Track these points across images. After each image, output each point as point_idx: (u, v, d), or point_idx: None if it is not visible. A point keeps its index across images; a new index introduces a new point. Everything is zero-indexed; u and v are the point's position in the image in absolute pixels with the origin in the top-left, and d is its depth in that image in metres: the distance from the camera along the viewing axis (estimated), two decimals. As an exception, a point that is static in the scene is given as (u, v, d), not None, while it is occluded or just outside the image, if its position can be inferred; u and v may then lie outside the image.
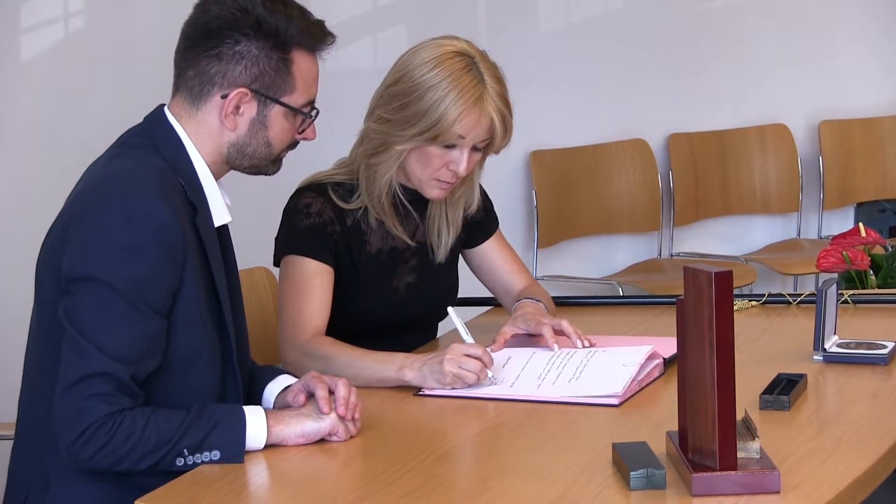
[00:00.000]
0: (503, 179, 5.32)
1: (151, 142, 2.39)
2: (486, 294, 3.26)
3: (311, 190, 2.90)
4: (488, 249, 3.12)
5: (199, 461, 2.26)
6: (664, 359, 2.70)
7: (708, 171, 5.87)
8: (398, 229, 2.93)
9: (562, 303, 3.25)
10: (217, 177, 2.44)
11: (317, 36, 2.42)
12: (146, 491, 2.18)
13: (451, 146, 2.82)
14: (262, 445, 2.31)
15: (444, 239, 2.98)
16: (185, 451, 2.25)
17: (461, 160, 2.82)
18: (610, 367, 2.64)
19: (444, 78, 2.78)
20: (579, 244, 5.59)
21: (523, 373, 2.68)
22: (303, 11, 2.42)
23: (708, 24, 5.96)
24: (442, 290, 3.03)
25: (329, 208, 2.88)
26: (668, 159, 5.75)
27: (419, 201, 2.96)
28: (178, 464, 2.26)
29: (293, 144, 2.49)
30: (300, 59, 2.40)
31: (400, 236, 2.93)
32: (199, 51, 2.37)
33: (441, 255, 2.99)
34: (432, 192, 2.89)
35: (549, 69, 5.41)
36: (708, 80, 5.93)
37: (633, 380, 2.58)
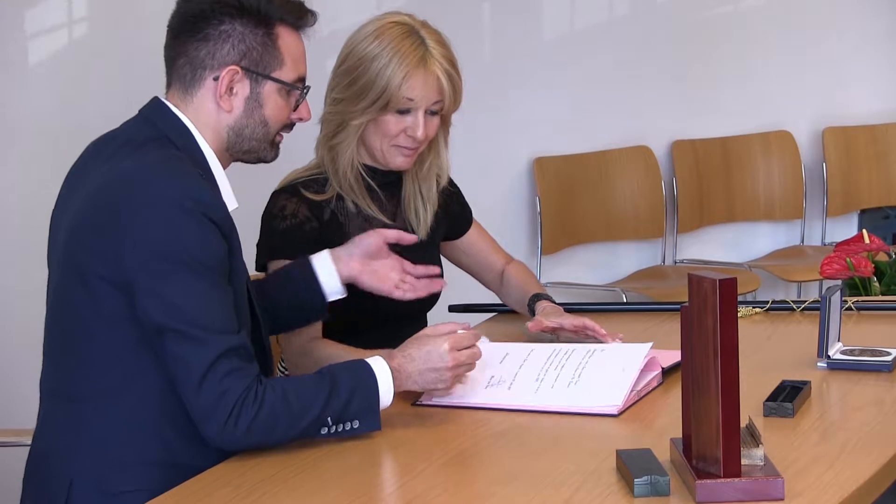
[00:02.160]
0: (507, 186, 5.32)
1: (162, 133, 2.41)
2: (492, 301, 3.27)
3: (285, 192, 2.92)
4: (471, 237, 3.17)
5: (342, 431, 2.32)
6: (662, 369, 2.69)
7: (712, 177, 5.87)
8: (373, 209, 2.94)
9: (566, 309, 3.23)
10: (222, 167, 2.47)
11: (297, 13, 2.46)
12: (196, 471, 2.24)
13: (404, 111, 2.85)
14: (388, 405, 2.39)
15: (422, 217, 3.00)
16: (328, 419, 2.30)
17: (417, 124, 2.85)
18: (609, 370, 2.63)
19: (386, 46, 2.83)
20: (583, 251, 5.59)
21: (521, 371, 2.67)
22: None
23: (712, 31, 5.96)
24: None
25: (304, 207, 2.89)
26: (671, 166, 5.75)
27: (392, 184, 2.98)
28: (321, 433, 2.31)
29: (289, 126, 2.51)
30: (285, 35, 2.45)
31: (376, 216, 2.94)
32: (186, 38, 2.41)
33: (422, 232, 2.99)
34: (396, 160, 2.91)
35: (554, 76, 5.40)
36: (712, 86, 5.93)
37: (632, 390, 2.57)
